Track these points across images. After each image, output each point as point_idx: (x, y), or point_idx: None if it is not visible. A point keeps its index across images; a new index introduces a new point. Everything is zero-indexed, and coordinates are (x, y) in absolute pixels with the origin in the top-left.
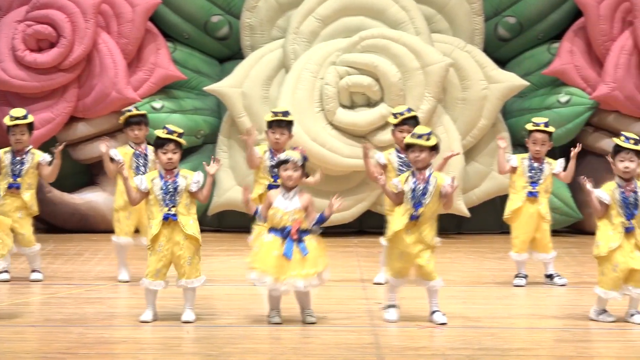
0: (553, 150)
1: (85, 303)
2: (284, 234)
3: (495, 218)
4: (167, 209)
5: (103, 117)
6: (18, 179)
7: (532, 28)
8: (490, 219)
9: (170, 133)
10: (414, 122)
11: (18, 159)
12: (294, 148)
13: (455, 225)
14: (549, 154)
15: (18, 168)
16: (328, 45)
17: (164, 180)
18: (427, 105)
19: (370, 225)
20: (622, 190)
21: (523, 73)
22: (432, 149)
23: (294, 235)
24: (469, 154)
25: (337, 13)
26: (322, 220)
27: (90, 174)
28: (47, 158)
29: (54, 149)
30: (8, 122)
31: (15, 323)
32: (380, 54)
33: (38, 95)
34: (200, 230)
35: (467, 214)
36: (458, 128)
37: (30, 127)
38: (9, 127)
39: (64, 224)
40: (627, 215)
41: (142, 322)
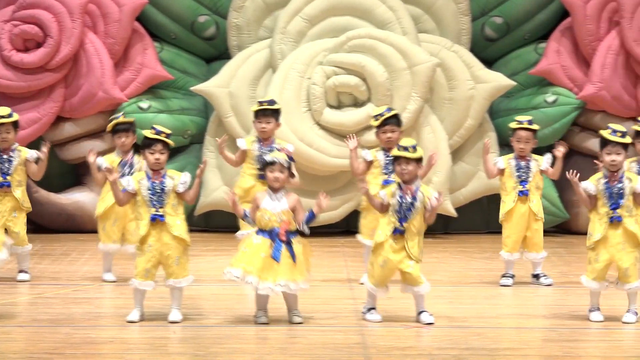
0: (540, 150)
1: (72, 303)
2: (272, 236)
3: (482, 218)
4: (154, 210)
5: (90, 117)
6: (7, 177)
7: (519, 28)
8: (477, 219)
9: (158, 133)
10: (396, 120)
11: (5, 157)
12: (279, 149)
13: (442, 225)
14: (537, 154)
15: (6, 166)
16: (315, 45)
17: (151, 181)
18: (414, 105)
19: (357, 226)
20: (606, 181)
21: (510, 73)
22: (417, 161)
23: (282, 237)
24: (456, 154)
25: (324, 13)
26: (311, 219)
27: (77, 174)
28: (34, 155)
29: (42, 147)
30: None
31: (2, 323)
32: (368, 54)
33: (25, 95)
34: (188, 230)
35: (454, 214)
36: (445, 128)
37: (16, 125)
38: None
39: (51, 224)
40: (611, 205)
41: (129, 322)
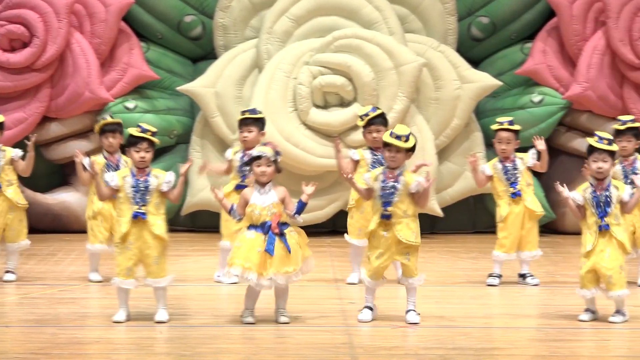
0: (525, 151)
1: (58, 303)
2: (265, 229)
3: (469, 218)
4: (137, 207)
5: (76, 117)
6: None
7: (505, 28)
8: (464, 219)
9: (144, 131)
10: (382, 119)
11: None
12: (265, 144)
13: (429, 225)
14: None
15: None
16: (301, 45)
17: (136, 179)
18: (400, 105)
19: (344, 225)
20: (593, 190)
21: (496, 73)
22: (408, 150)
23: (275, 229)
24: (442, 154)
25: (310, 13)
26: (302, 207)
27: (64, 174)
28: (19, 153)
29: (28, 142)
30: None
31: None
32: (354, 54)
33: (11, 95)
34: (174, 230)
35: (440, 214)
36: (431, 128)
37: (1, 126)
38: None
39: (37, 224)
40: (599, 214)
41: (115, 322)
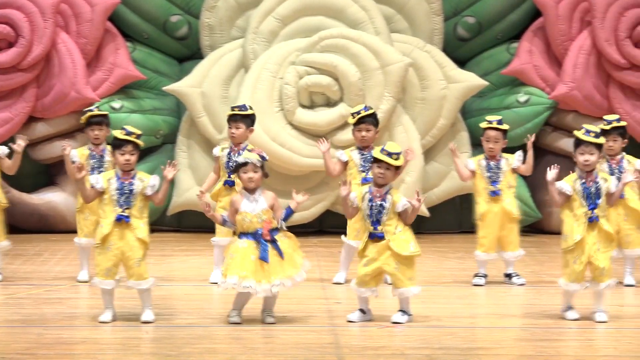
0: (512, 151)
1: (45, 303)
2: (257, 237)
3: (455, 217)
4: (120, 210)
5: (62, 117)
6: None
7: (491, 28)
8: (450, 219)
9: (129, 134)
10: (372, 119)
11: None
12: (251, 150)
13: (415, 225)
14: (509, 153)
15: None
16: (287, 45)
17: (120, 181)
18: (386, 105)
19: (330, 225)
20: (583, 181)
21: (482, 73)
22: (397, 168)
23: (267, 236)
24: (429, 154)
25: (296, 13)
26: (289, 215)
27: (50, 174)
28: (5, 151)
29: (18, 140)
30: None
31: None
32: (340, 54)
33: None
34: (160, 230)
35: (426, 214)
36: (417, 128)
37: None
38: None
39: (23, 224)
40: (589, 206)
41: (101, 322)
